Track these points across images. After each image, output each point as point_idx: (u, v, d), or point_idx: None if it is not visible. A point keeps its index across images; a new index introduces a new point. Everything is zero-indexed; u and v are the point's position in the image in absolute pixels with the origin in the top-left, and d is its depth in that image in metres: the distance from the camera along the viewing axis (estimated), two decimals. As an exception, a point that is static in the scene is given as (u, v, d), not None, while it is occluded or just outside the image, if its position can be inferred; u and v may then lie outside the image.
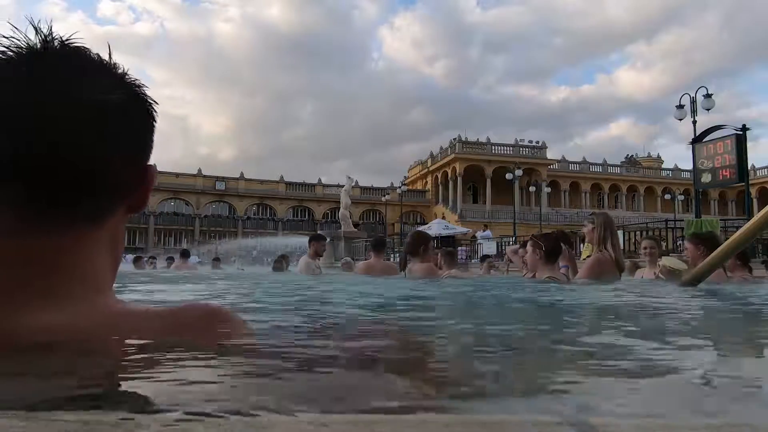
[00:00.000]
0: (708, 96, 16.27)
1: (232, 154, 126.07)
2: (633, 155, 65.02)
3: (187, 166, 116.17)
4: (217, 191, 44.94)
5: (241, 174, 46.36)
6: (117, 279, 0.68)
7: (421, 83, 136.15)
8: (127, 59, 0.63)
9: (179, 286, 4.09)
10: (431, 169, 49.04)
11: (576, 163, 50.90)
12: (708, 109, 16.41)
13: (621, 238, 13.54)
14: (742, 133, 14.91)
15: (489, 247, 19.55)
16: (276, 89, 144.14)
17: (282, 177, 47.72)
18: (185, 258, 10.39)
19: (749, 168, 24.54)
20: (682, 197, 44.60)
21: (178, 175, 43.71)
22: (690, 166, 20.15)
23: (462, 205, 43.74)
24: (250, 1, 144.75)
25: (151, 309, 0.66)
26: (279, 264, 7.74)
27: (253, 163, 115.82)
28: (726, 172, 15.25)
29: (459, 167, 44.32)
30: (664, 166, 56.59)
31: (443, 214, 41.38)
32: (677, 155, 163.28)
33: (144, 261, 11.34)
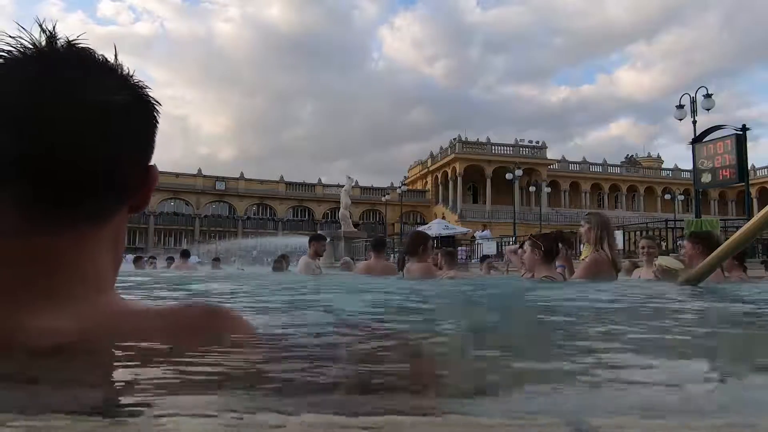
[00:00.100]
0: (708, 96, 16.28)
1: (232, 154, 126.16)
2: (633, 155, 64.99)
3: (187, 166, 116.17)
4: (217, 191, 44.94)
5: (241, 174, 46.38)
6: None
7: (421, 83, 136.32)
8: (128, 59, 0.63)
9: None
10: (431, 169, 49.03)
11: (576, 163, 50.88)
12: (708, 109, 16.42)
13: (621, 238, 13.63)
14: (742, 133, 14.93)
15: (489, 247, 19.56)
16: (276, 89, 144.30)
17: (282, 177, 47.73)
18: (185, 258, 10.40)
19: (749, 168, 24.56)
20: (682, 197, 44.60)
21: (178, 175, 43.67)
22: (690, 166, 20.17)
23: (462, 205, 43.74)
24: (250, 1, 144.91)
25: (153, 308, 0.66)
26: (279, 264, 7.74)
27: (253, 163, 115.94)
28: (726, 172, 15.27)
29: (459, 167, 44.32)
30: (664, 166, 56.58)
31: (443, 214, 41.38)
32: (677, 155, 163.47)
33: (144, 261, 11.33)
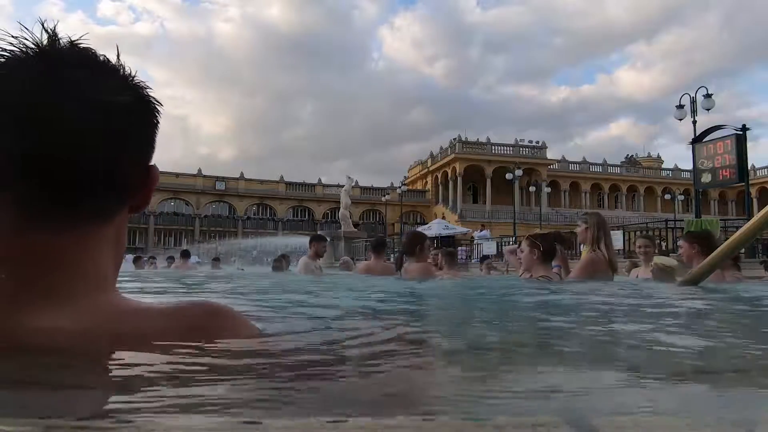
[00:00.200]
0: (708, 96, 16.28)
1: (232, 154, 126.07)
2: (633, 155, 64.97)
3: (187, 166, 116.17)
4: (217, 191, 44.93)
5: (241, 174, 46.37)
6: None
7: (421, 83, 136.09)
8: (128, 59, 0.63)
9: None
10: (431, 169, 49.02)
11: (576, 163, 50.86)
12: (708, 109, 16.42)
13: (621, 238, 13.59)
14: (742, 133, 14.93)
15: (489, 247, 19.56)
16: (276, 89, 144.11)
17: (282, 177, 47.70)
18: (185, 258, 10.41)
19: (749, 168, 24.54)
20: (682, 197, 44.60)
21: (178, 175, 43.65)
22: (690, 166, 20.17)
23: (462, 205, 43.73)
24: (250, 1, 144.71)
25: (154, 306, 0.66)
26: (279, 264, 7.73)
27: (253, 163, 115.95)
28: (726, 172, 15.27)
29: (459, 167, 44.31)
30: (664, 166, 56.56)
31: (443, 214, 41.38)
32: (677, 155, 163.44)
33: (144, 261, 11.33)
